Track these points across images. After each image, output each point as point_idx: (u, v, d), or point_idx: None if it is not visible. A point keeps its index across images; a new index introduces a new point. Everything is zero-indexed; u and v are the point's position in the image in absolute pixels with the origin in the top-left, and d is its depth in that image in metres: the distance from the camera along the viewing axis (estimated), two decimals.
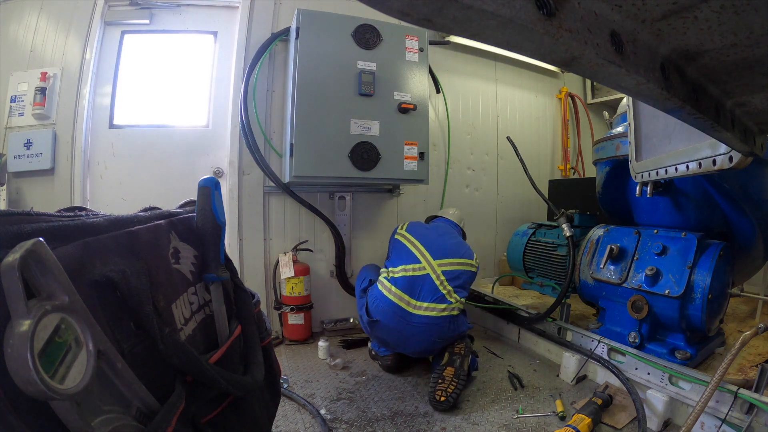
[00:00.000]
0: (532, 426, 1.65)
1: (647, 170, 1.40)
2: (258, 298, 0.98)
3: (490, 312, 2.79)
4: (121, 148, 2.58)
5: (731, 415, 1.44)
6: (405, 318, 1.95)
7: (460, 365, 1.88)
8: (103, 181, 2.58)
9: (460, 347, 1.98)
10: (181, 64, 2.71)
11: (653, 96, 0.49)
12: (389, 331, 1.97)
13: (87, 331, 0.47)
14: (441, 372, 1.85)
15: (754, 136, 0.78)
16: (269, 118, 2.66)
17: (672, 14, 0.42)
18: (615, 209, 2.38)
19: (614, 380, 1.87)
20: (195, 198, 0.85)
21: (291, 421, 1.66)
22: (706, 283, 1.68)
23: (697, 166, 0.96)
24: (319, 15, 2.30)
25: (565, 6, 0.34)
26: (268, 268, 2.68)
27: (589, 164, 3.93)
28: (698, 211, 1.90)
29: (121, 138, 2.59)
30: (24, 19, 2.60)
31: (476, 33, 0.31)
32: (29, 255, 0.42)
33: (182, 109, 2.73)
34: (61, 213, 0.61)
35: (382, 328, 1.97)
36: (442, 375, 1.84)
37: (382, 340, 2.04)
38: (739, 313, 2.55)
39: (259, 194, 2.66)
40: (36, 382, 0.39)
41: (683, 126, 0.64)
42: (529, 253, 2.76)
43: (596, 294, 2.15)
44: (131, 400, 0.55)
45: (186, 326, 0.72)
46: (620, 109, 2.31)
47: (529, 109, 3.82)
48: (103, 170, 2.57)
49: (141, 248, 0.65)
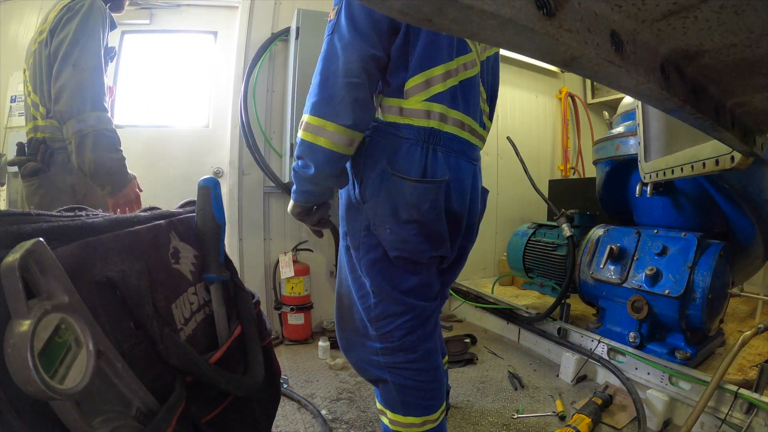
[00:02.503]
0: (532, 426, 1.65)
1: (655, 171, 1.41)
2: (258, 298, 0.97)
3: (490, 312, 2.79)
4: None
5: (731, 415, 1.44)
6: (472, 160, 1.14)
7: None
8: None
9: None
10: (181, 64, 2.71)
11: (653, 96, 0.49)
12: (459, 197, 1.09)
13: (87, 331, 0.47)
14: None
15: (754, 136, 0.78)
16: (269, 118, 2.65)
17: (672, 14, 0.42)
18: (615, 209, 2.38)
19: (614, 380, 1.87)
20: (195, 198, 0.85)
21: (291, 421, 1.66)
22: (706, 283, 1.68)
23: (701, 166, 0.96)
24: (319, 15, 2.30)
25: (565, 6, 0.34)
26: (268, 268, 2.68)
27: (589, 164, 3.93)
28: (698, 211, 1.90)
29: (121, 138, 2.59)
30: (24, 19, 2.59)
31: (476, 33, 0.31)
32: (29, 255, 0.42)
33: (182, 109, 2.73)
34: (61, 213, 0.61)
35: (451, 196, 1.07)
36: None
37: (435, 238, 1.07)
38: (739, 313, 2.56)
39: (259, 194, 2.66)
40: (36, 382, 0.39)
41: (688, 126, 0.65)
42: (529, 253, 2.76)
43: (596, 294, 2.15)
44: (131, 400, 0.55)
45: (186, 326, 0.72)
46: (620, 109, 2.31)
47: (529, 109, 3.82)
48: None
49: (141, 248, 0.65)
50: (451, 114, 1.04)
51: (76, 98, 1.42)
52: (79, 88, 1.43)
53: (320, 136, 0.96)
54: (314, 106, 0.97)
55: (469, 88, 1.07)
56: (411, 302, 1.12)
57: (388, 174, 1.01)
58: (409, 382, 1.14)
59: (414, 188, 1.01)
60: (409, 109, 1.02)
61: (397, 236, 1.04)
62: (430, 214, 1.03)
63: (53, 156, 1.53)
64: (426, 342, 1.16)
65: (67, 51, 1.43)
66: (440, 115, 1.03)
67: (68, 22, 1.45)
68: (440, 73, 1.01)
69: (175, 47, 2.71)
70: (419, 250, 1.06)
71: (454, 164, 1.06)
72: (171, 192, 2.53)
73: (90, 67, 1.45)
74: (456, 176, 1.07)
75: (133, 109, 2.66)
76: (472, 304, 2.90)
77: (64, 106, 1.42)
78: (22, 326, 0.40)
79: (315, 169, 1.00)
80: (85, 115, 1.43)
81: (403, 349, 1.14)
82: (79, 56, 1.43)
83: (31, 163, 1.54)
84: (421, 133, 1.02)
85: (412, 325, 1.13)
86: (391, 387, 1.16)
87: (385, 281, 1.10)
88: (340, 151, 0.98)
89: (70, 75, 1.42)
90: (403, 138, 1.02)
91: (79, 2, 1.47)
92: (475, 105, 1.10)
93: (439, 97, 1.02)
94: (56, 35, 1.46)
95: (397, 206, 1.02)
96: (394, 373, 1.15)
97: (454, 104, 1.04)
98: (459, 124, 1.06)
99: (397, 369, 1.14)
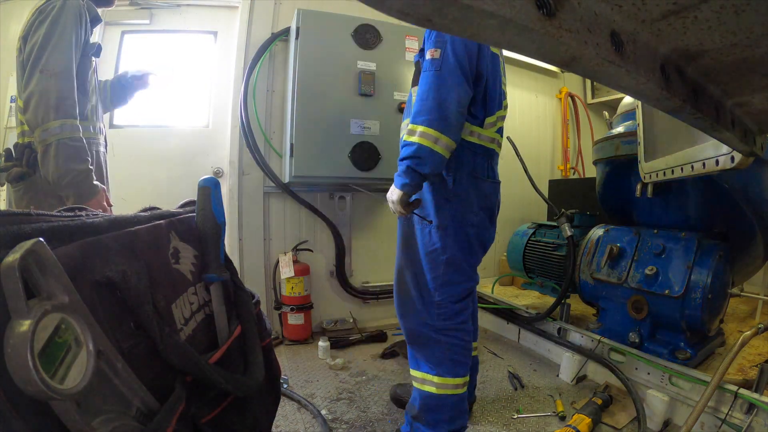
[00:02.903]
0: (532, 426, 1.65)
1: (655, 171, 1.41)
2: (258, 298, 0.97)
3: (490, 312, 2.79)
4: (121, 148, 2.57)
5: (731, 415, 1.44)
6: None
7: None
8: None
9: None
10: (181, 64, 2.71)
11: (653, 96, 0.49)
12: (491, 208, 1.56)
13: (87, 331, 0.47)
14: None
15: (754, 136, 0.78)
16: (269, 118, 2.65)
17: (672, 14, 0.42)
18: (615, 209, 2.38)
19: (614, 380, 1.87)
20: (195, 198, 0.85)
21: (291, 421, 1.66)
22: (706, 283, 1.68)
23: (701, 167, 0.96)
24: (319, 15, 2.30)
25: (565, 6, 0.34)
26: (268, 268, 2.68)
27: (589, 164, 3.93)
28: (698, 211, 1.90)
29: (121, 138, 2.58)
30: (24, 19, 2.59)
31: (476, 33, 0.31)
32: (29, 255, 0.42)
33: (182, 109, 2.73)
34: (61, 213, 0.61)
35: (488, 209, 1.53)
36: None
37: (482, 241, 1.54)
38: (739, 313, 2.55)
39: (259, 194, 2.66)
40: (36, 382, 0.39)
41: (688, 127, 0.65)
42: (529, 253, 2.76)
43: (596, 294, 2.15)
44: (131, 400, 0.55)
45: (186, 326, 0.72)
46: (620, 109, 2.31)
47: (529, 109, 3.82)
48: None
49: (141, 248, 0.65)
50: (497, 138, 1.55)
51: (41, 106, 1.38)
52: (44, 95, 1.38)
53: (437, 145, 1.31)
54: (432, 122, 1.30)
55: (502, 125, 1.59)
56: (472, 274, 1.53)
57: (473, 175, 1.45)
58: (460, 342, 1.47)
59: (486, 185, 1.49)
60: (484, 135, 1.48)
61: (478, 218, 1.47)
62: (491, 203, 1.52)
63: (37, 160, 1.48)
64: (468, 309, 1.54)
65: (36, 56, 1.40)
66: (496, 141, 1.54)
67: (39, 27, 1.43)
68: (500, 115, 1.54)
69: (175, 47, 2.71)
70: (485, 227, 1.51)
71: (496, 171, 1.59)
72: (171, 192, 2.54)
73: (57, 72, 1.41)
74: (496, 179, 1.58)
75: (133, 109, 2.66)
76: None
77: (31, 114, 1.39)
78: (22, 326, 0.40)
79: (430, 167, 1.32)
80: (48, 123, 1.38)
81: (457, 312, 1.48)
82: (46, 61, 1.40)
83: (15, 169, 1.51)
84: (487, 151, 1.50)
85: (467, 293, 1.51)
86: (444, 347, 1.46)
87: (461, 254, 1.46)
88: (446, 156, 1.34)
89: (37, 82, 1.39)
90: (478, 154, 1.47)
91: (51, 3, 1.44)
92: (501, 130, 1.60)
93: (496, 130, 1.53)
94: (28, 41, 1.44)
95: (478, 197, 1.47)
96: (448, 334, 1.46)
97: (499, 133, 1.56)
98: (498, 145, 1.57)
99: (451, 330, 1.46)
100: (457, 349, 1.46)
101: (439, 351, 1.46)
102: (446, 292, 1.46)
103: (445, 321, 1.47)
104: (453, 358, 1.45)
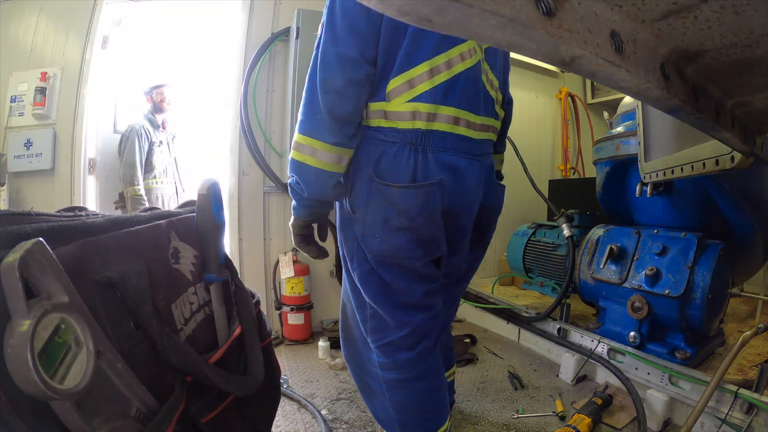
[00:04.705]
0: (532, 426, 1.65)
1: (655, 171, 1.41)
2: (258, 298, 0.97)
3: (490, 312, 2.79)
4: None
5: (731, 415, 1.44)
6: (475, 156, 1.05)
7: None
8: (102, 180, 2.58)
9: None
10: None
11: (653, 96, 0.49)
12: (455, 196, 1.02)
13: (87, 331, 0.47)
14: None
15: (754, 136, 0.78)
16: (269, 118, 2.65)
17: (672, 14, 0.42)
18: (615, 209, 2.38)
19: (614, 380, 1.87)
20: (195, 198, 0.85)
21: (291, 421, 1.66)
22: (706, 283, 1.68)
23: (701, 166, 0.96)
24: (319, 15, 2.28)
25: (565, 6, 0.34)
26: (268, 268, 2.68)
27: (589, 164, 3.93)
28: (698, 211, 1.90)
29: None
30: (24, 19, 2.60)
31: (476, 33, 0.31)
32: (29, 255, 0.42)
33: None
34: (61, 213, 0.61)
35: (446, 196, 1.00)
36: None
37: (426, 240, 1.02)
38: (739, 313, 2.56)
39: (259, 194, 2.66)
40: (36, 382, 0.39)
41: (688, 127, 0.65)
42: (529, 253, 2.76)
43: (596, 294, 2.15)
44: (131, 400, 0.55)
45: (186, 326, 0.72)
46: (620, 109, 2.31)
47: (529, 109, 3.82)
48: (105, 170, 2.57)
49: (141, 248, 0.65)
50: (441, 111, 0.97)
51: None
52: None
53: (315, 157, 0.98)
54: (303, 125, 0.99)
55: (466, 80, 0.99)
56: (408, 318, 1.05)
57: (375, 182, 0.96)
58: (406, 401, 1.08)
59: (401, 195, 0.95)
60: (393, 112, 0.96)
61: (388, 245, 0.99)
62: (421, 220, 0.97)
63: None
64: (425, 359, 1.08)
65: None
66: (428, 115, 0.96)
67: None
68: (425, 70, 0.94)
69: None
70: (412, 256, 1.01)
71: (448, 163, 0.99)
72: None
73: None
74: (453, 176, 1.00)
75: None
76: (472, 304, 2.90)
77: None
78: (21, 326, 0.40)
79: (309, 190, 1.00)
80: None
81: (399, 367, 1.07)
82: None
83: None
84: (407, 135, 0.96)
85: (410, 342, 1.06)
86: (389, 404, 1.12)
87: (380, 293, 1.05)
88: (337, 170, 0.99)
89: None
90: (389, 142, 0.97)
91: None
92: (474, 96, 1.01)
93: (426, 96, 0.95)
94: None
95: (386, 214, 0.96)
96: (391, 389, 1.10)
97: (446, 100, 0.97)
98: (452, 120, 0.98)
99: (394, 386, 1.09)
100: (405, 410, 1.11)
101: (384, 408, 1.17)
102: (378, 339, 1.10)
103: (384, 372, 1.11)
104: (402, 420, 1.13)
